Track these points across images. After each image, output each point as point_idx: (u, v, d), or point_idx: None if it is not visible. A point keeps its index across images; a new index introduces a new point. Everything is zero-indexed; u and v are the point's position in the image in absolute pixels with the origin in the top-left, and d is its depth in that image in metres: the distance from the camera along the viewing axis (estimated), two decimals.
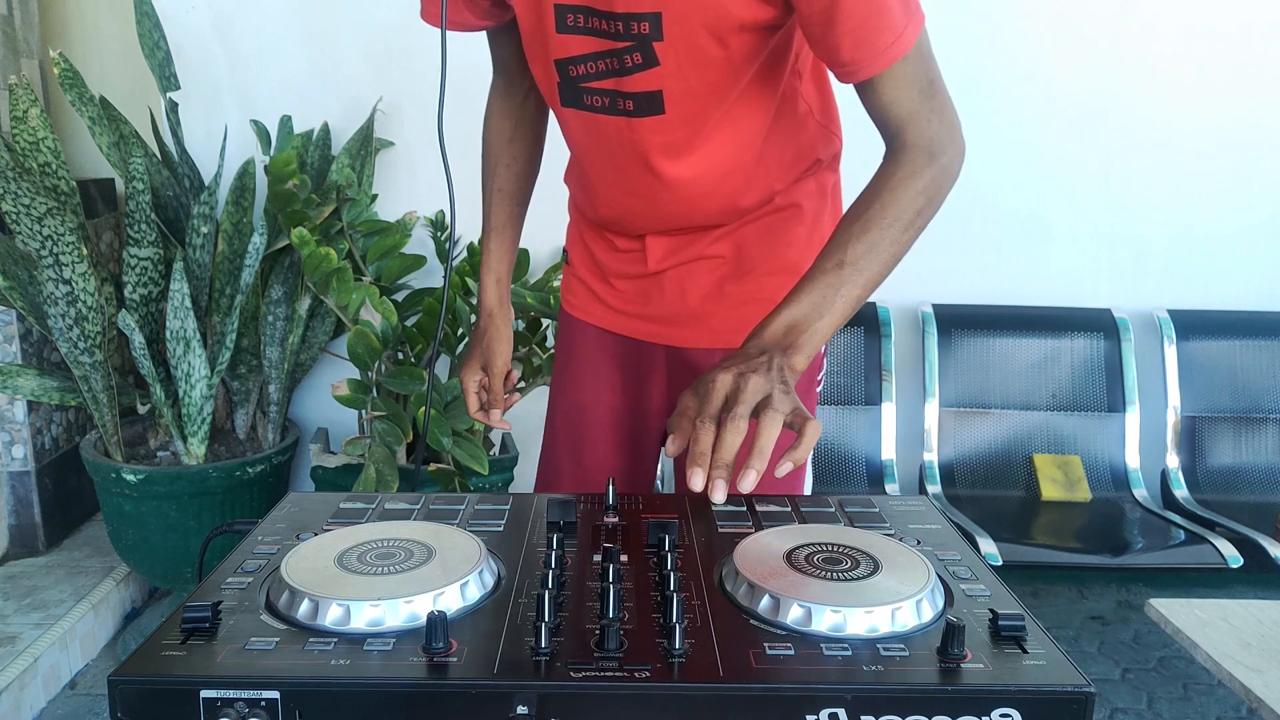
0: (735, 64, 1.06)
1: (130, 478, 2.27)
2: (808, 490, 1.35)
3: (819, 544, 0.79)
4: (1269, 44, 2.70)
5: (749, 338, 0.98)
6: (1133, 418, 2.71)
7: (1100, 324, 2.76)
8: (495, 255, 1.41)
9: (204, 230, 2.37)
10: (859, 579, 0.73)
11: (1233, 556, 2.25)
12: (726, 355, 0.96)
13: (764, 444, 0.86)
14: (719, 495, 0.86)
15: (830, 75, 1.11)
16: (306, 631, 0.67)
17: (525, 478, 2.32)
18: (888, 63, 0.98)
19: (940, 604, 0.72)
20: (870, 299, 1.02)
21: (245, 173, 2.44)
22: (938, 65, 1.02)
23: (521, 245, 1.50)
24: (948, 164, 1.02)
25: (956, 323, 2.74)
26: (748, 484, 0.86)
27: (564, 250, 1.42)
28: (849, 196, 1.09)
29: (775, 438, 0.87)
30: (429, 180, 2.69)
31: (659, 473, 1.49)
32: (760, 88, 1.12)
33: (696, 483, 0.86)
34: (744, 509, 0.92)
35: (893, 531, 0.87)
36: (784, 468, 0.87)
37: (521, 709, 0.61)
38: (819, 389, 1.33)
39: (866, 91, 1.01)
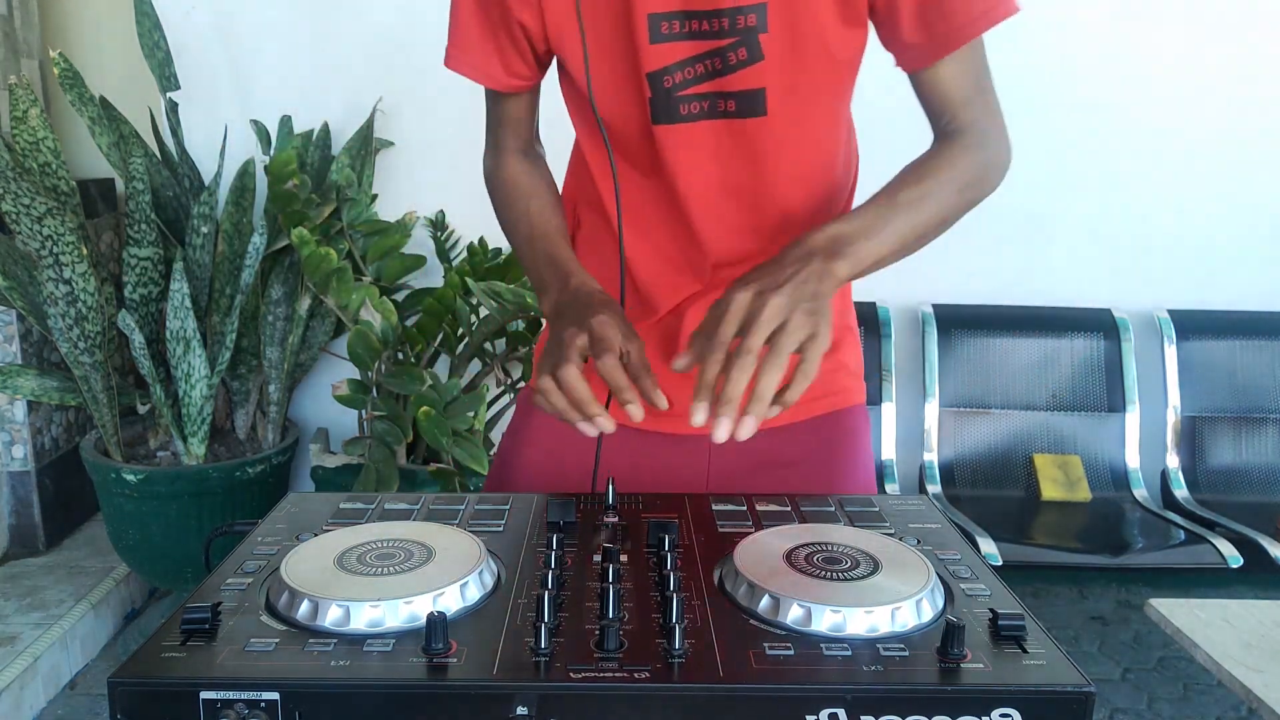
0: (836, 61, 1.02)
1: (130, 478, 2.27)
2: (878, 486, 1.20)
3: (819, 544, 0.79)
4: (1269, 44, 2.70)
5: (789, 246, 0.89)
6: (1133, 418, 2.71)
7: (1100, 324, 2.76)
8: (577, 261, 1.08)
9: (204, 230, 2.37)
10: (859, 579, 0.73)
11: (1233, 556, 2.25)
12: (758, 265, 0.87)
13: (763, 388, 0.79)
14: (720, 434, 0.78)
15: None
16: (306, 632, 0.67)
17: None
18: (959, 43, 1.00)
19: (940, 604, 0.72)
20: (870, 299, 1.01)
21: (245, 173, 2.44)
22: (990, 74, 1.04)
23: None
24: (997, 153, 1.02)
25: (956, 323, 2.74)
26: (745, 431, 0.79)
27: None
28: None
29: (777, 381, 0.79)
30: (429, 180, 2.69)
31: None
32: (843, 98, 1.07)
33: (698, 418, 0.79)
34: (744, 509, 0.92)
35: (893, 531, 0.87)
36: (771, 411, 0.79)
37: (521, 709, 0.60)
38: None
39: (925, 74, 1.02)
